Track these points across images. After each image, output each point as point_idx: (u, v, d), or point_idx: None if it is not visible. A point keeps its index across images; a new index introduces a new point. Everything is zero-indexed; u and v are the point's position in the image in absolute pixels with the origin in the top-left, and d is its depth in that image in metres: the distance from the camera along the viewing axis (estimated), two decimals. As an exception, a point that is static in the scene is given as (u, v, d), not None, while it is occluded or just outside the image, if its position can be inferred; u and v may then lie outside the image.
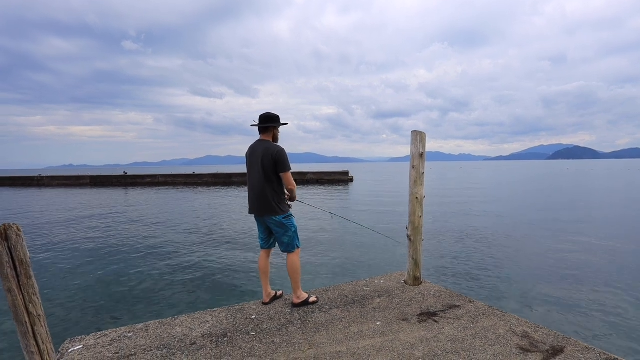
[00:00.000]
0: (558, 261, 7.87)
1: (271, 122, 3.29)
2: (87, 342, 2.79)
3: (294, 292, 3.42)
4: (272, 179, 3.21)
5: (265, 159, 3.17)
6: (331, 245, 9.69)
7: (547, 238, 10.20)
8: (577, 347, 2.57)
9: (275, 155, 3.15)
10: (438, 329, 2.88)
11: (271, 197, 3.22)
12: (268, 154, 3.16)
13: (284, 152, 3.20)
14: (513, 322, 3.01)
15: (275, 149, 3.18)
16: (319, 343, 2.69)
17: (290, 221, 3.33)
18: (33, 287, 1.96)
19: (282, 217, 3.27)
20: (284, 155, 3.18)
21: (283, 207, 3.29)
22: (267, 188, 3.21)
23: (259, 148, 3.25)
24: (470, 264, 7.78)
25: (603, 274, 7.03)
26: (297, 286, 3.39)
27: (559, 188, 28.04)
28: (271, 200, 3.22)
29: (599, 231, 11.11)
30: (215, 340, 2.77)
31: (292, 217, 3.38)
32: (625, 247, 9.03)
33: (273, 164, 3.16)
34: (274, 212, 3.23)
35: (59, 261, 8.61)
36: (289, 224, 3.31)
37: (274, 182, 3.23)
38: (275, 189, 3.24)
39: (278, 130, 3.39)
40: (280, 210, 3.25)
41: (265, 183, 3.21)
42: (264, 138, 3.32)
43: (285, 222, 3.28)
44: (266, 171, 3.18)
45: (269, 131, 3.31)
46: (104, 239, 11.03)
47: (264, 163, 3.17)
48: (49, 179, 41.45)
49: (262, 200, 3.24)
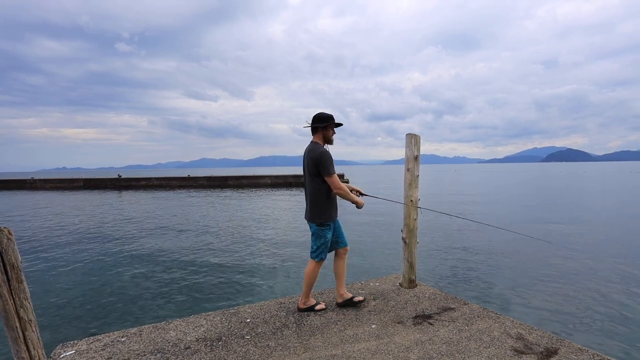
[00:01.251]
0: (552, 264, 7.92)
1: (319, 122, 3.15)
2: (80, 347, 2.76)
3: (302, 297, 3.37)
4: (315, 182, 3.10)
5: (309, 161, 3.08)
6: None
7: (541, 240, 10.27)
8: (570, 349, 2.59)
9: (316, 158, 3.02)
10: (433, 332, 2.89)
11: (315, 202, 3.13)
12: (312, 157, 3.06)
13: (326, 154, 3.05)
14: (507, 324, 3.02)
15: (317, 151, 3.04)
16: (314, 346, 2.68)
17: (323, 232, 3.17)
18: (24, 291, 1.94)
19: (317, 225, 3.16)
20: (325, 158, 3.02)
21: (325, 215, 3.14)
22: (313, 192, 3.13)
23: (307, 150, 3.17)
24: (465, 267, 7.81)
25: (597, 276, 7.08)
26: (306, 293, 3.33)
27: (553, 191, 28.29)
28: (314, 205, 3.14)
29: (594, 233, 11.20)
30: (210, 344, 2.75)
31: (327, 228, 3.18)
32: (619, 249, 9.11)
33: (315, 167, 3.04)
34: (312, 218, 3.17)
35: (50, 265, 8.51)
36: (322, 234, 3.17)
37: (318, 186, 3.10)
38: (318, 194, 3.11)
39: (331, 130, 3.21)
40: (316, 218, 3.14)
41: (310, 187, 3.14)
42: (314, 140, 3.20)
43: (318, 231, 3.17)
44: (310, 174, 3.10)
45: (318, 132, 3.18)
46: (97, 243, 10.94)
47: (308, 166, 3.10)
48: (42, 181, 41.03)
49: (307, 205, 3.21)
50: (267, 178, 38.73)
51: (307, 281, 3.29)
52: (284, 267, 7.91)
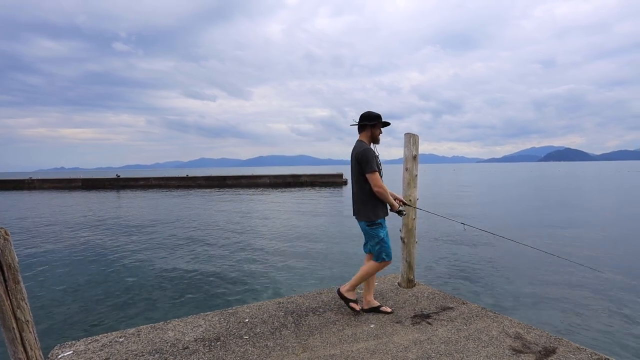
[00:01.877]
0: (550, 263, 7.94)
1: (367, 121, 3.13)
2: (78, 348, 2.75)
3: (348, 285, 3.27)
4: (360, 180, 3.08)
5: (353, 160, 3.08)
6: (325, 247, 9.68)
7: (539, 240, 10.29)
8: (568, 348, 2.59)
9: (359, 156, 3.01)
10: (431, 331, 2.89)
11: (360, 200, 3.10)
12: (355, 155, 3.06)
13: (368, 150, 3.02)
14: (506, 323, 3.02)
15: (360, 148, 3.04)
16: (313, 346, 2.68)
17: (375, 231, 3.09)
18: (21, 292, 1.93)
19: (367, 223, 3.10)
20: (366, 154, 2.99)
21: (370, 214, 3.08)
22: (358, 191, 3.11)
23: (353, 149, 3.16)
24: (464, 266, 7.82)
25: (595, 275, 7.10)
26: (353, 283, 3.23)
27: (551, 190, 28.35)
28: (360, 204, 3.10)
29: (592, 233, 11.24)
30: (208, 345, 2.75)
31: (378, 227, 3.10)
32: (617, 249, 9.14)
33: (357, 164, 3.04)
34: (360, 216, 3.13)
35: (48, 266, 8.49)
36: (373, 233, 3.10)
37: (363, 185, 3.07)
38: (364, 192, 3.08)
39: (378, 129, 3.18)
40: (365, 216, 3.09)
41: (356, 185, 3.12)
42: (360, 138, 3.19)
43: (369, 231, 3.10)
44: (356, 173, 3.09)
45: (365, 130, 3.16)
46: (95, 243, 10.91)
47: (353, 165, 3.10)
48: (40, 181, 40.90)
49: (354, 203, 3.18)
50: (265, 178, 38.71)
51: (362, 275, 3.19)
52: (282, 267, 7.91)
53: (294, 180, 37.94)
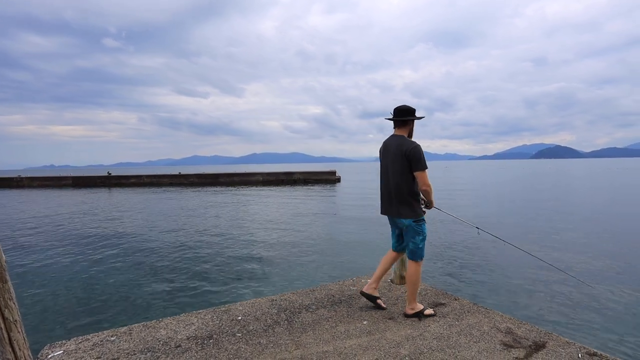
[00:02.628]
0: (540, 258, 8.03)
1: (410, 115, 3.04)
2: (68, 347, 2.72)
3: (408, 302, 3.14)
4: (405, 178, 2.98)
5: (398, 156, 2.98)
6: (318, 244, 9.69)
7: (531, 235, 10.42)
8: (558, 342, 2.63)
9: (409, 153, 2.92)
10: (424, 327, 2.91)
11: (404, 197, 3.01)
12: (401, 151, 2.96)
13: (420, 148, 2.95)
14: (497, 318, 3.06)
15: (410, 146, 2.95)
16: (306, 343, 2.69)
17: (421, 227, 3.05)
18: (9, 291, 1.90)
19: (413, 220, 3.02)
20: (419, 152, 2.92)
21: (416, 210, 3.03)
22: (401, 188, 3.01)
23: (392, 144, 3.06)
24: (456, 262, 7.89)
25: (583, 271, 7.21)
26: (412, 298, 3.11)
27: (543, 187, 28.68)
28: (404, 201, 3.02)
29: (581, 229, 11.40)
30: (201, 343, 2.73)
31: (424, 222, 3.08)
32: (605, 245, 9.29)
33: (407, 161, 2.94)
34: (405, 214, 3.02)
35: (37, 264, 8.38)
36: (419, 230, 3.05)
37: (408, 182, 2.99)
38: (409, 189, 3.00)
39: (413, 125, 3.15)
40: (412, 213, 3.01)
41: (399, 182, 3.01)
42: (399, 133, 3.10)
43: (415, 227, 3.03)
44: (400, 169, 2.99)
45: (406, 125, 3.09)
46: (85, 241, 10.79)
47: (397, 160, 2.99)
48: (29, 179, 40.30)
49: (394, 200, 3.06)
50: (258, 175, 38.61)
51: (410, 286, 3.09)
52: (275, 265, 7.91)
53: (287, 177, 37.89)
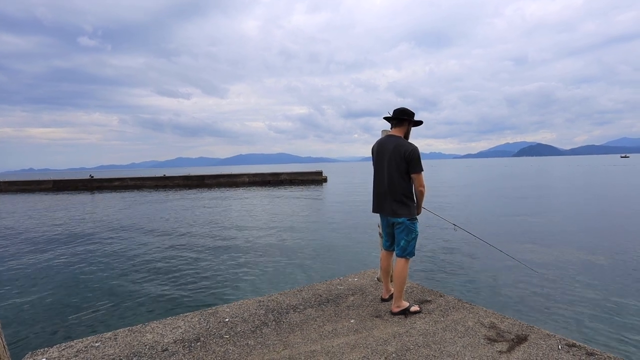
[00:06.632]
0: (523, 253, 8.23)
1: (408, 116, 3.08)
2: (51, 355, 2.66)
3: (395, 300, 3.16)
4: (403, 178, 3.03)
5: (396, 156, 3.00)
6: (305, 244, 9.70)
7: (513, 232, 10.65)
8: (539, 335, 2.71)
9: (408, 155, 2.97)
10: (410, 324, 2.96)
11: (400, 197, 3.05)
12: (399, 152, 2.99)
13: (418, 150, 3.00)
14: (481, 313, 3.13)
15: (409, 148, 2.99)
16: (294, 343, 2.70)
17: (414, 225, 3.12)
18: (-12, 299, 1.86)
19: (408, 219, 3.07)
20: (417, 155, 2.99)
21: (411, 209, 3.10)
22: (397, 187, 3.04)
23: (388, 144, 3.08)
24: (440, 260, 8.01)
25: (563, 265, 7.42)
26: (399, 295, 3.14)
27: (524, 184, 29.34)
28: (400, 201, 3.06)
29: (562, 223, 11.71)
30: (188, 346, 2.72)
31: (417, 221, 3.15)
32: (584, 239, 9.56)
33: (405, 163, 2.99)
34: (401, 213, 3.06)
35: (16, 271, 8.15)
36: (413, 228, 3.10)
37: (404, 182, 3.04)
38: (405, 189, 3.06)
39: (410, 127, 3.19)
40: (407, 212, 3.07)
41: (396, 182, 3.04)
42: (396, 133, 3.13)
43: (409, 225, 3.08)
44: (397, 170, 3.02)
45: (403, 125, 3.12)
46: (67, 247, 10.54)
47: (394, 161, 3.02)
48: (7, 184, 39.10)
49: (389, 199, 3.09)
50: (245, 177, 38.36)
51: (398, 283, 3.11)
52: (262, 266, 7.88)
53: (273, 178, 37.76)
